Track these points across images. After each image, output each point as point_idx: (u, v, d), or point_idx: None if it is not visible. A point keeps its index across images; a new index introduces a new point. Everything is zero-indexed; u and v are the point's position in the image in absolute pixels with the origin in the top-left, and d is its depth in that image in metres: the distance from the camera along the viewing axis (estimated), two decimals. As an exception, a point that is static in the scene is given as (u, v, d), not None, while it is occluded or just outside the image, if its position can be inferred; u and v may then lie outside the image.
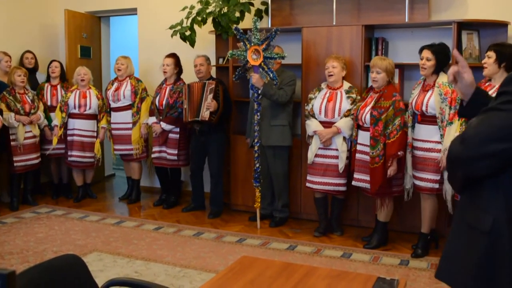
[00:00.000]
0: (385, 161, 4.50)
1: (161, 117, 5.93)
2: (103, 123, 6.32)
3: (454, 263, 1.85)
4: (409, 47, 5.21)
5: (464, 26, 4.94)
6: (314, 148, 4.97)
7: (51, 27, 7.35)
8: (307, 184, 5.07)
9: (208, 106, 5.47)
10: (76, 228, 5.32)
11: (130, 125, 6.20)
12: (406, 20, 5.26)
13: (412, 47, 4.91)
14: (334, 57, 5.01)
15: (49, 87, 6.49)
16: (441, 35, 5.02)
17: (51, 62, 6.54)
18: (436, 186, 4.40)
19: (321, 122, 4.97)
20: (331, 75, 4.92)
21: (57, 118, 6.24)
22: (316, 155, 4.97)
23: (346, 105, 4.89)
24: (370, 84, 5.22)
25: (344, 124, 4.85)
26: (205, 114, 5.49)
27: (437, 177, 4.39)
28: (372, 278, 2.20)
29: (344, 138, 4.88)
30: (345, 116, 4.88)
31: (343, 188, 4.96)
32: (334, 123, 4.90)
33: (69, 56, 6.89)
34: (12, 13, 6.72)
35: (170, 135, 5.94)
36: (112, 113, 6.32)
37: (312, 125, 4.97)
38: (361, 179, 4.73)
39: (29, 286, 1.78)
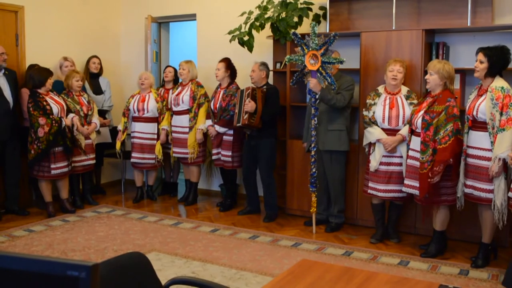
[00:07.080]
0: (432, 167, 4.35)
1: (215, 120, 6.04)
2: (163, 125, 6.48)
3: None
4: (471, 52, 5.03)
5: (530, 30, 4.77)
6: (378, 156, 4.89)
7: (114, 33, 7.59)
8: (369, 191, 4.99)
9: (246, 109, 5.55)
10: (135, 228, 5.47)
11: (187, 129, 6.32)
12: (469, 24, 5.12)
13: (474, 52, 4.75)
14: (398, 60, 4.92)
15: (163, 91, 6.73)
16: (506, 39, 4.86)
17: (166, 68, 6.83)
18: (490, 196, 4.22)
19: (383, 129, 4.90)
20: (395, 79, 4.86)
21: (120, 123, 6.51)
22: (380, 163, 4.90)
23: (409, 112, 4.79)
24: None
25: (408, 131, 4.77)
26: (244, 117, 5.57)
27: (491, 187, 4.20)
28: (434, 286, 2.17)
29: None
30: (408, 123, 4.79)
31: (406, 194, 4.87)
32: (397, 130, 4.83)
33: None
34: (79, 20, 6.99)
35: (225, 137, 6.06)
36: (173, 116, 6.47)
37: (376, 133, 4.89)
38: (411, 185, 4.62)
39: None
